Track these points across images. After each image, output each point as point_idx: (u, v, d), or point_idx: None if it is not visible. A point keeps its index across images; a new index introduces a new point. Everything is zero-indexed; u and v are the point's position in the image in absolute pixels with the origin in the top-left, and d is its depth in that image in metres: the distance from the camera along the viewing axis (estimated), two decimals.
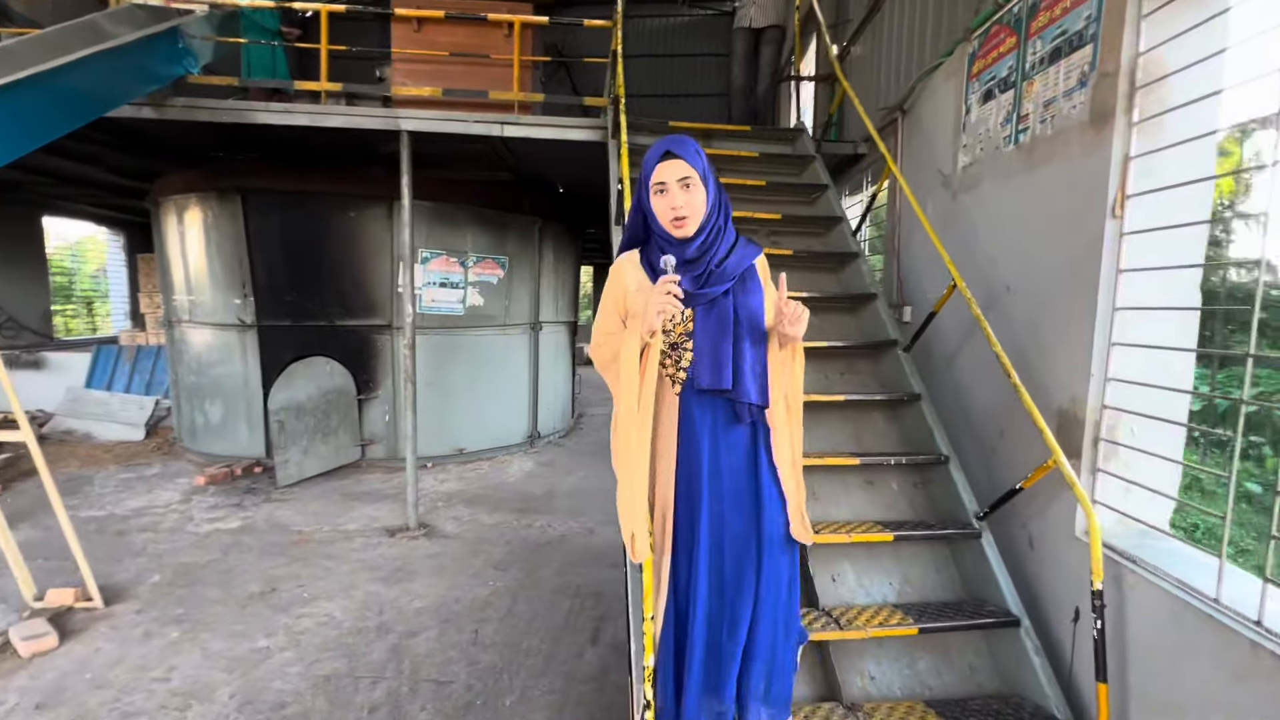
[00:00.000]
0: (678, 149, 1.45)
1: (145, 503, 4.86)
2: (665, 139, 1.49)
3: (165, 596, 3.40)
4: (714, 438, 1.53)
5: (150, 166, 5.79)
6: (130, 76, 3.47)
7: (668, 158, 1.45)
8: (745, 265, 1.52)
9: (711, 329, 1.49)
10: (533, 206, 6.48)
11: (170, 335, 6.24)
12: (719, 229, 1.51)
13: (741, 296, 1.51)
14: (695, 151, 1.47)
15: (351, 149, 5.10)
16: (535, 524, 4.62)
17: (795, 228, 3.60)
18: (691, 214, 1.45)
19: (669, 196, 1.44)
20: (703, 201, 1.46)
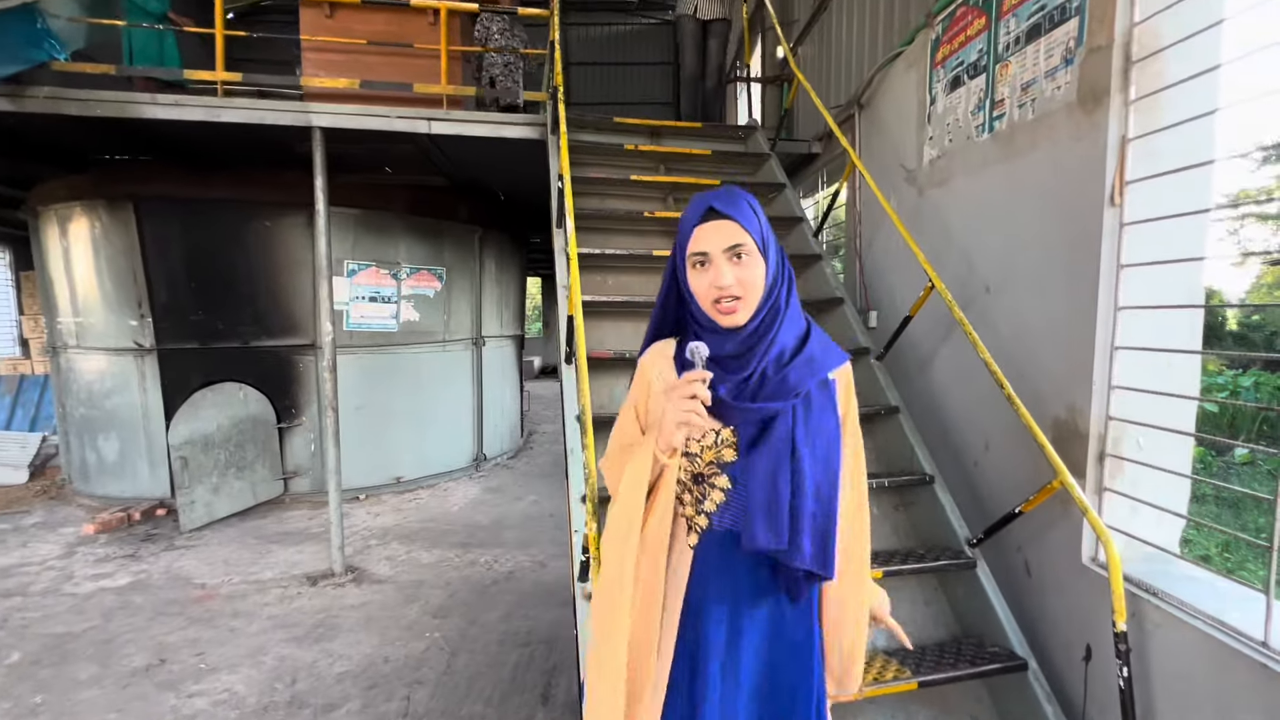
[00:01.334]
0: (725, 206, 1.02)
1: (17, 560, 4.16)
2: (706, 194, 1.06)
3: (23, 681, 2.81)
4: (735, 610, 1.10)
5: (23, 171, 5.07)
6: None
7: (711, 217, 1.02)
8: (819, 376, 1.06)
9: (762, 463, 1.04)
10: (471, 214, 6.06)
11: (55, 363, 5.49)
12: (778, 311, 1.06)
13: (808, 418, 1.05)
14: (750, 208, 1.03)
15: (262, 150, 4.58)
16: (480, 560, 4.18)
17: None
18: (746, 295, 1.01)
19: (713, 272, 1.01)
20: (761, 278, 1.02)
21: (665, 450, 1.04)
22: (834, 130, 3.00)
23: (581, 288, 2.75)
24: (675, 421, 0.99)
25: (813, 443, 1.04)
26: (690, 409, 0.98)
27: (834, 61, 4.12)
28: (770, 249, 1.05)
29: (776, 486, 1.03)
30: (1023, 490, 1.98)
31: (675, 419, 0.99)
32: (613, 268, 3.05)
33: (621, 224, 3.25)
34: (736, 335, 1.04)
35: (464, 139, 3.82)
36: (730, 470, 1.07)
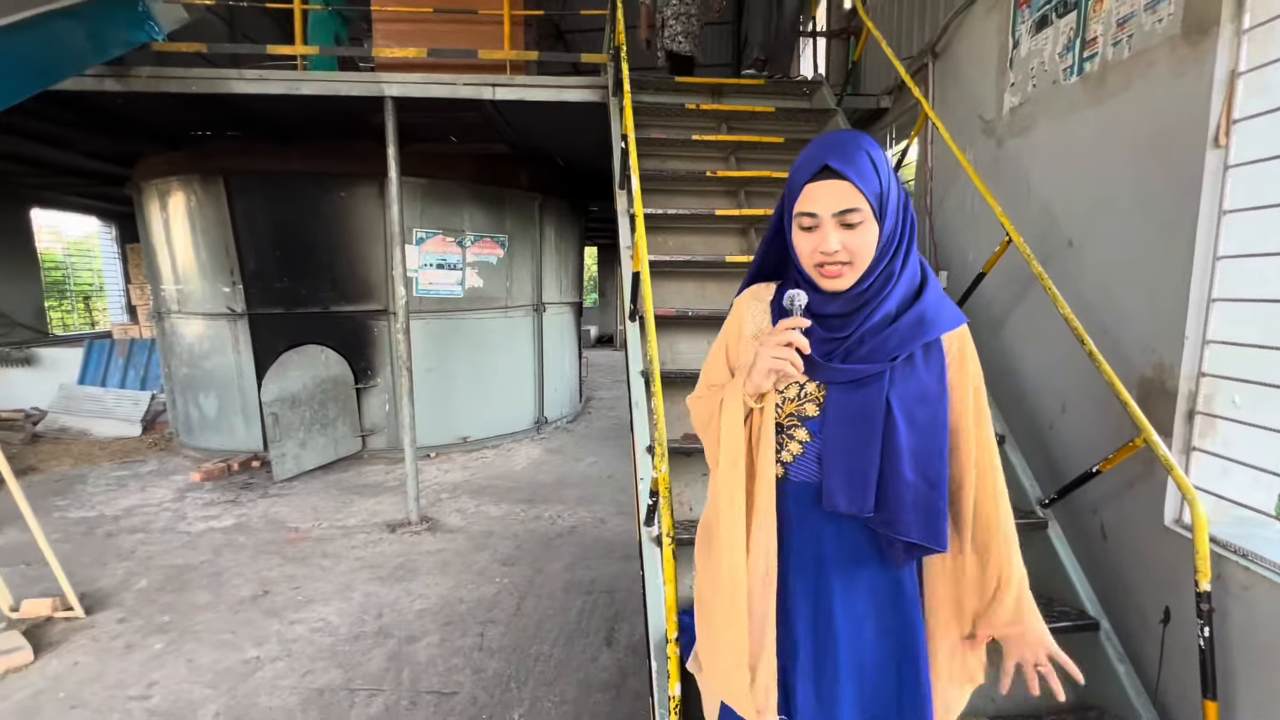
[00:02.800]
0: (841, 163, 0.91)
1: (137, 501, 4.66)
2: (825, 143, 0.96)
3: (151, 603, 3.19)
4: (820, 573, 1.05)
5: (128, 149, 5.49)
6: (82, 42, 3.17)
7: (825, 175, 0.92)
8: (926, 337, 0.98)
9: (846, 425, 0.99)
10: (532, 181, 6.15)
11: (160, 327, 6.00)
12: (890, 276, 0.98)
13: (908, 383, 0.98)
14: (871, 164, 0.92)
15: (336, 123, 4.79)
16: (544, 515, 4.38)
17: None
18: (855, 261, 0.94)
19: (819, 235, 0.94)
20: (872, 244, 0.94)
21: (752, 394, 1.01)
22: (906, 81, 2.88)
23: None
24: (766, 368, 0.96)
25: (910, 410, 0.97)
26: (784, 356, 0.94)
27: (905, 10, 3.91)
28: (889, 207, 0.94)
29: (864, 451, 0.98)
30: (1100, 451, 1.91)
31: (766, 365, 0.95)
32: (674, 228, 3.06)
33: (683, 184, 3.24)
34: (839, 297, 0.98)
35: (526, 104, 3.87)
36: (810, 424, 1.03)
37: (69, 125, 4.74)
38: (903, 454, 0.96)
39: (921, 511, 0.97)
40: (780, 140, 3.33)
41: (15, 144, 5.38)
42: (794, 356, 0.94)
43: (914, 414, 0.97)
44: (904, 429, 0.96)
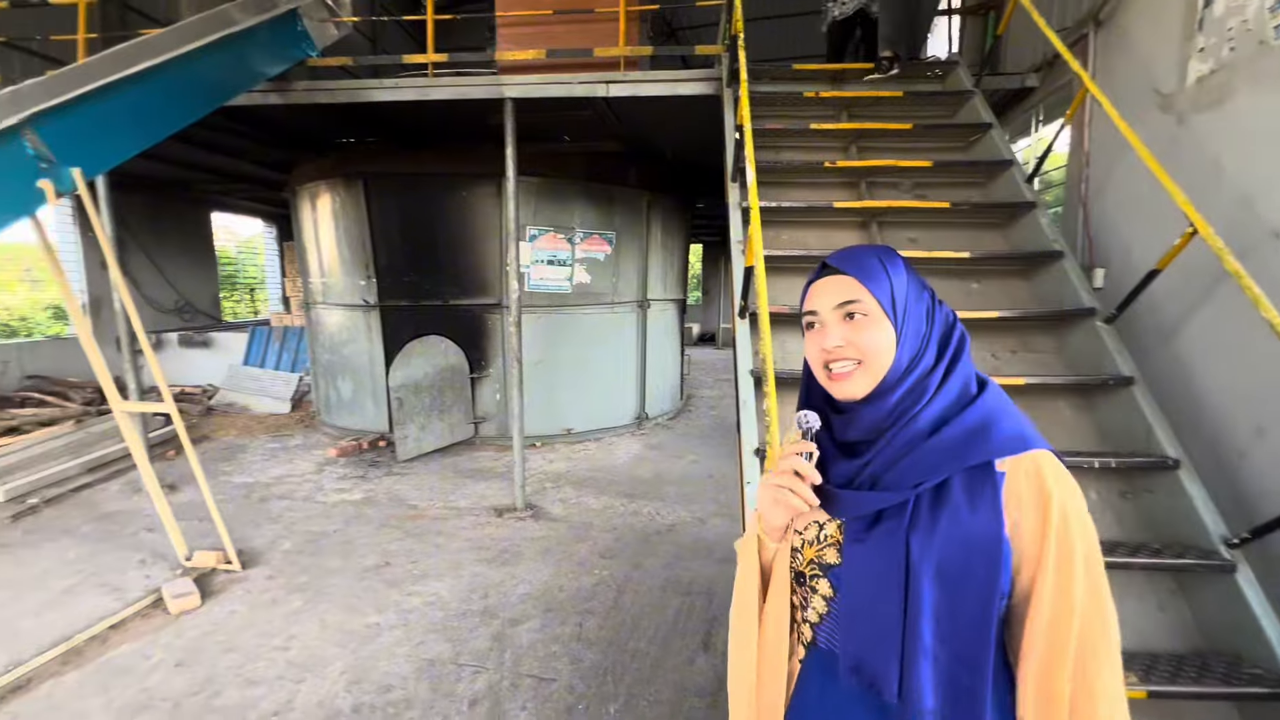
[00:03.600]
0: (840, 262, 0.87)
1: (285, 471, 5.21)
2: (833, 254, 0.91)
3: (293, 564, 3.54)
4: None
5: (287, 157, 6.16)
6: (254, 61, 3.57)
7: (825, 273, 0.88)
8: (967, 460, 0.79)
9: (859, 572, 0.83)
10: (640, 178, 6.19)
11: (308, 316, 6.69)
12: (922, 391, 0.83)
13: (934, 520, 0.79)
14: (880, 266, 0.85)
15: (460, 126, 5.07)
16: (643, 510, 4.39)
17: (949, 176, 3.00)
18: (867, 360, 0.83)
19: (822, 333, 0.86)
20: (880, 343, 0.83)
21: (770, 532, 0.90)
22: (1063, 54, 2.55)
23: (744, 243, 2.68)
24: (769, 499, 0.85)
25: (938, 555, 0.76)
26: (787, 486, 0.82)
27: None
28: (905, 309, 0.83)
29: (880, 608, 0.80)
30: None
31: (769, 497, 0.85)
32: (787, 222, 2.93)
33: (798, 176, 3.10)
34: (860, 416, 0.84)
35: (639, 100, 3.88)
36: (832, 574, 0.85)
37: (242, 136, 5.39)
38: (923, 613, 0.77)
39: (950, 693, 0.76)
40: (908, 126, 3.08)
41: (201, 155, 6.21)
42: (799, 486, 0.82)
43: (945, 564, 0.76)
44: (928, 582, 0.77)
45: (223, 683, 2.51)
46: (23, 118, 2.41)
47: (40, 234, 2.65)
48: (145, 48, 3.02)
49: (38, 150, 2.46)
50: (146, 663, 2.64)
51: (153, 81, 3.02)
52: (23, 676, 2.53)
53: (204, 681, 2.52)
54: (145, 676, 2.55)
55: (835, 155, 3.22)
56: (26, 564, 3.51)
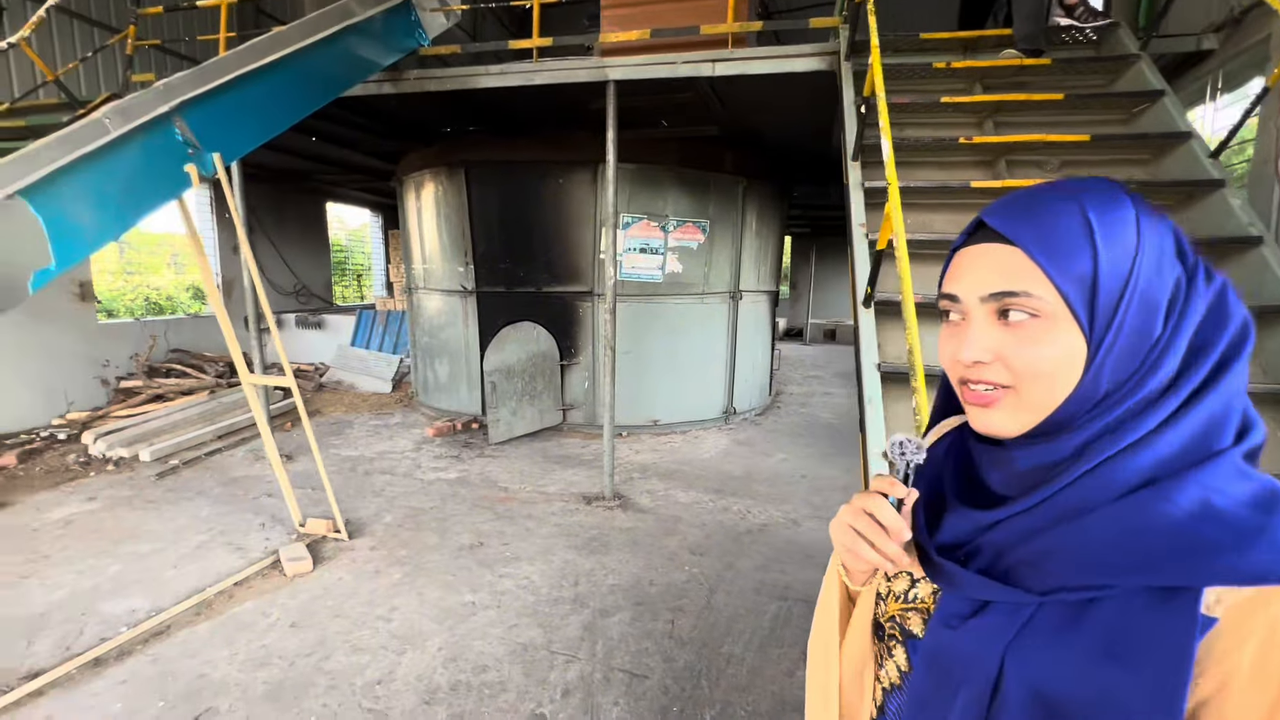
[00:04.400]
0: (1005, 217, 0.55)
1: (387, 448, 5.47)
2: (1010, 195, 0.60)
3: (394, 537, 3.68)
4: None
5: (396, 148, 6.44)
6: (372, 51, 3.70)
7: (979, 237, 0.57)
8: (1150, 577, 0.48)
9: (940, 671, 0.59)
10: (736, 164, 5.99)
11: (410, 301, 7.00)
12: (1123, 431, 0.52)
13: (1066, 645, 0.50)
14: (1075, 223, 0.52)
15: (559, 112, 5.07)
16: (733, 507, 4.24)
17: (1106, 152, 2.63)
18: (1021, 386, 0.54)
19: (958, 333, 0.58)
20: (1052, 363, 0.53)
21: (851, 575, 0.71)
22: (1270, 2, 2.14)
23: (874, 227, 2.46)
24: (841, 543, 0.62)
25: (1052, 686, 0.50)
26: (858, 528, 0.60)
27: None
28: (1124, 309, 0.51)
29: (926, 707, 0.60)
30: None
31: (840, 540, 0.62)
32: (912, 204, 2.68)
33: (925, 155, 2.82)
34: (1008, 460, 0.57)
35: (745, 78, 3.69)
36: (910, 646, 0.64)
37: (356, 128, 5.67)
38: None
39: None
40: (1058, 97, 2.73)
41: (318, 147, 6.61)
42: (878, 537, 0.58)
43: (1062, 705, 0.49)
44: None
45: (332, 646, 2.62)
46: (173, 106, 2.59)
47: (185, 215, 2.85)
48: (276, 40, 3.19)
49: (185, 136, 2.64)
50: (265, 620, 2.81)
51: (281, 72, 3.19)
52: (163, 623, 2.76)
53: (315, 644, 2.64)
54: (264, 633, 2.71)
55: (969, 131, 2.92)
56: (168, 519, 3.85)
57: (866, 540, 0.59)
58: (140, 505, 4.06)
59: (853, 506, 0.61)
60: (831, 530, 0.63)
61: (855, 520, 0.60)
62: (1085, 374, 0.52)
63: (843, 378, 9.48)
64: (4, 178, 2.18)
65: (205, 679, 2.42)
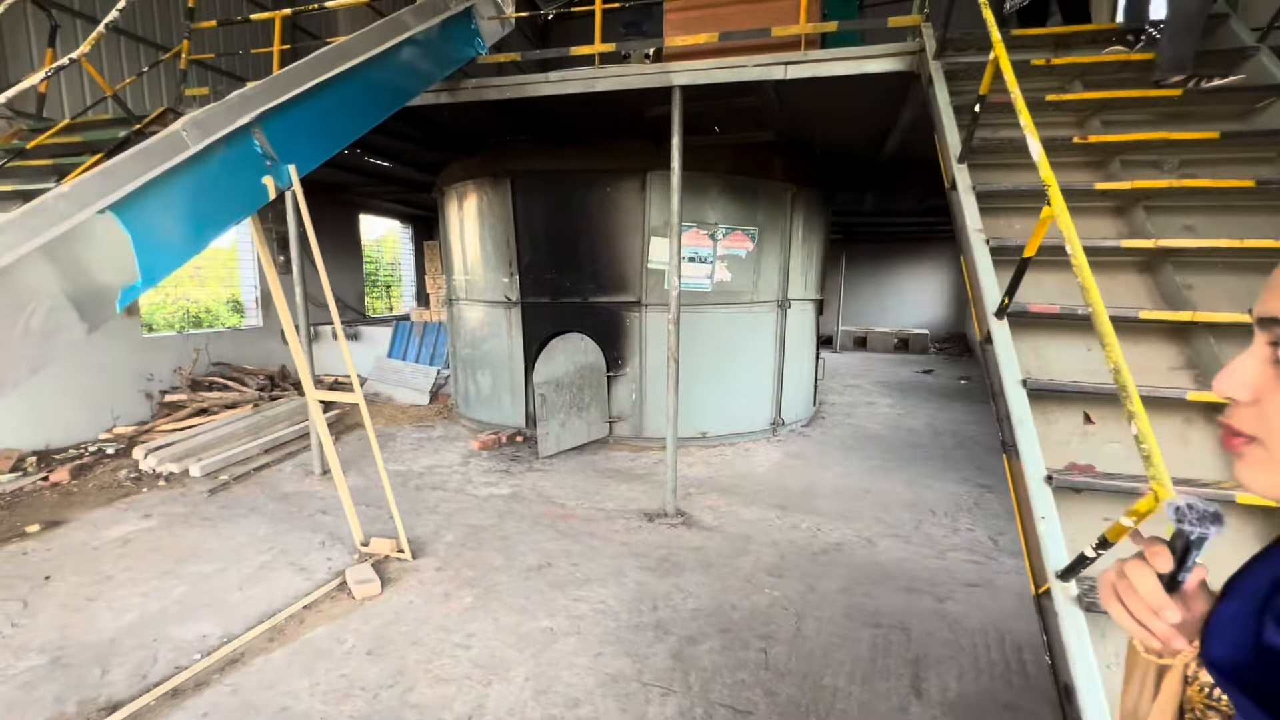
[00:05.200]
0: None
1: (434, 462, 5.38)
2: None
3: (458, 557, 3.57)
4: None
5: (437, 159, 6.39)
6: (434, 61, 3.63)
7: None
8: None
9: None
10: (786, 171, 5.86)
11: (450, 312, 6.94)
12: None
13: None
14: None
15: (610, 120, 4.99)
16: (801, 525, 4.08)
17: (1234, 150, 2.47)
18: (1270, 434, 0.46)
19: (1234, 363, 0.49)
20: None
21: (1144, 642, 0.60)
22: None
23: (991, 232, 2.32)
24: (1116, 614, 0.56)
25: None
26: (1122, 594, 0.55)
27: None
28: None
29: None
30: None
31: (1104, 600, 0.57)
32: (1016, 209, 2.53)
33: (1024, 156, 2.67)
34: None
35: (814, 81, 3.57)
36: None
37: (405, 139, 5.63)
38: None
39: None
40: (1176, 93, 2.57)
41: (358, 159, 6.59)
42: (1146, 616, 0.52)
43: None
44: None
45: (414, 677, 2.50)
46: (253, 117, 2.51)
47: (256, 230, 2.78)
48: (342, 52, 3.12)
49: (264, 148, 2.57)
50: (340, 648, 2.70)
51: (350, 83, 3.12)
52: (237, 650, 2.66)
53: (396, 674, 2.52)
54: (342, 662, 2.60)
55: (1069, 131, 2.77)
56: (226, 537, 3.78)
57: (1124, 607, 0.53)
58: (197, 523, 4.00)
59: (1118, 567, 0.54)
60: (1099, 591, 0.58)
61: (1116, 582, 0.55)
62: None
63: (882, 386, 9.27)
64: (88, 193, 2.12)
65: (289, 712, 2.31)
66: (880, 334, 13.95)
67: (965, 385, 9.51)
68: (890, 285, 15.05)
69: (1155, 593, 0.51)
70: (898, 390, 8.98)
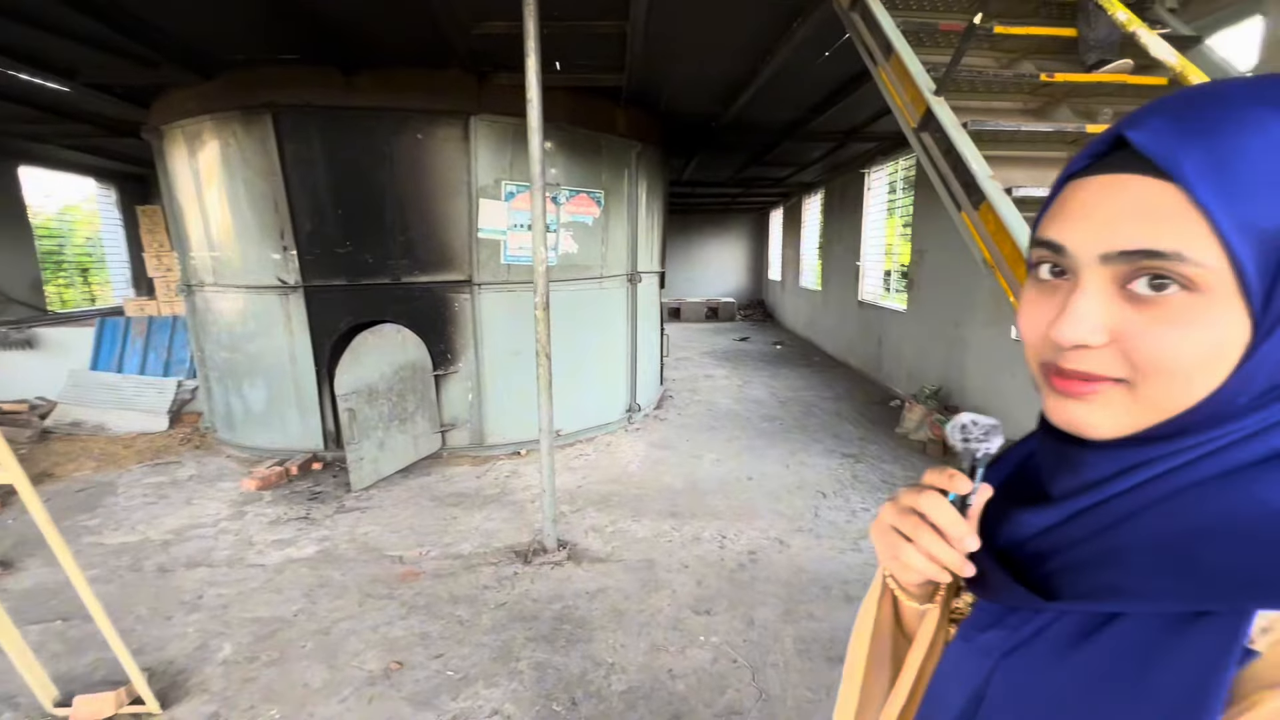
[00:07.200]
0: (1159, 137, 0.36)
1: (186, 519, 3.75)
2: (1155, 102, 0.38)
3: (247, 684, 2.31)
4: None
5: (152, 81, 4.39)
6: None
7: (1111, 165, 0.39)
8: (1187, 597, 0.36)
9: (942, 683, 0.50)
10: (629, 125, 5.15)
11: (190, 302, 5.02)
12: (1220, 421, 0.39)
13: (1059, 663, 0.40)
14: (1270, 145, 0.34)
15: (424, 37, 3.76)
16: (703, 535, 3.52)
17: None
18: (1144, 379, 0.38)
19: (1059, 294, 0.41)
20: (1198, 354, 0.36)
21: (908, 588, 0.54)
22: None
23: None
24: (883, 549, 0.51)
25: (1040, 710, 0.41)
26: (908, 533, 0.48)
27: None
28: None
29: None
30: None
31: (881, 544, 0.51)
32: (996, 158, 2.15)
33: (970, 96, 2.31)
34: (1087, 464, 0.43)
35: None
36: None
37: (87, 41, 3.64)
38: None
39: None
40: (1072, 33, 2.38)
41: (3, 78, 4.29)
42: (928, 539, 0.47)
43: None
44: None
45: None
46: None
47: None
48: None
49: None
50: None
51: None
52: None
53: None
54: None
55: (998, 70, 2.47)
56: None
57: (917, 547, 0.48)
58: None
59: (898, 504, 0.50)
60: (873, 534, 0.53)
61: (900, 521, 0.49)
62: (1238, 369, 0.37)
63: (710, 357, 9.28)
64: None
65: None
66: (692, 304, 14.25)
67: (782, 350, 9.98)
68: (698, 256, 15.46)
69: (956, 521, 0.47)
70: (727, 360, 9.03)
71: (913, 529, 0.48)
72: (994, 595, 0.46)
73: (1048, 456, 0.48)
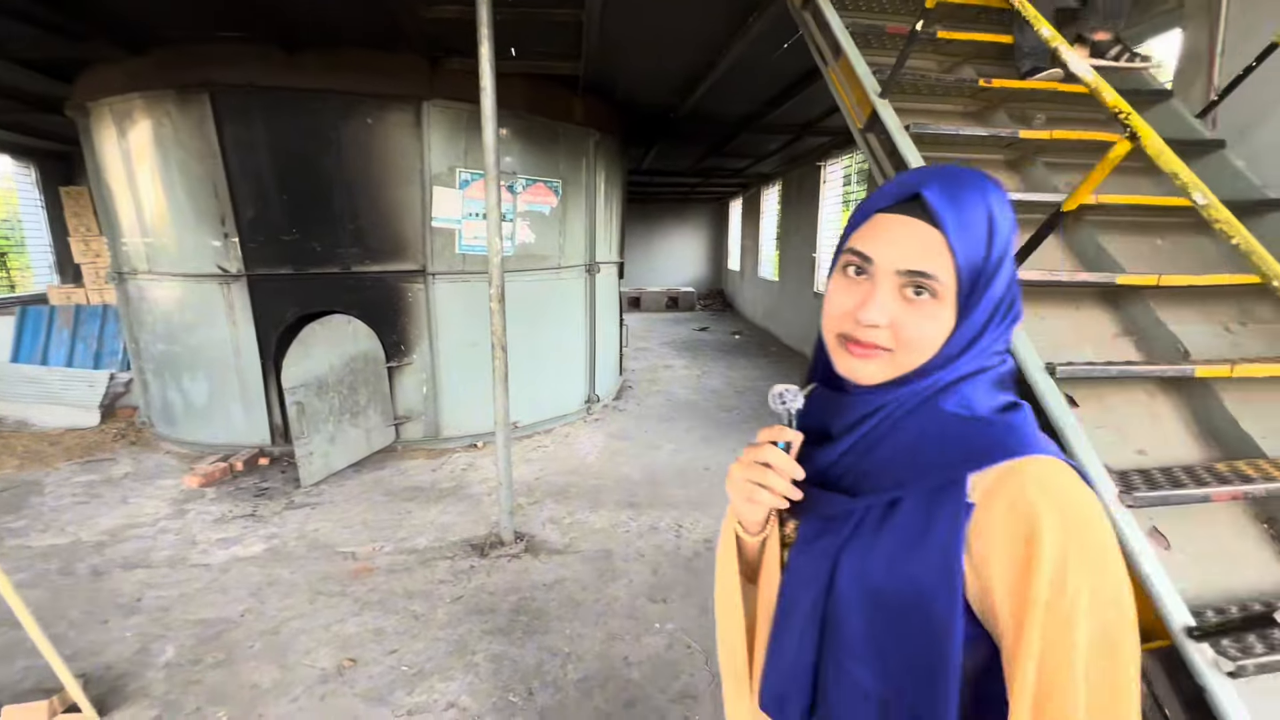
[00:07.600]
0: (941, 197, 0.58)
1: (123, 519, 3.59)
2: (927, 169, 0.62)
3: (193, 686, 2.25)
4: None
5: (75, 53, 4.11)
6: None
7: (908, 209, 0.60)
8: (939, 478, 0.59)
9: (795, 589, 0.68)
10: (587, 113, 5.11)
11: (123, 291, 4.76)
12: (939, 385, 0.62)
13: (877, 537, 0.61)
14: (985, 216, 0.59)
15: (367, 22, 3.64)
16: (660, 524, 3.58)
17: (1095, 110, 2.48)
18: (901, 351, 0.61)
19: (863, 294, 0.61)
20: (937, 335, 0.60)
21: (749, 526, 0.71)
22: None
23: None
24: (740, 496, 0.67)
25: (878, 582, 0.60)
26: (755, 481, 0.65)
27: None
28: (988, 287, 0.59)
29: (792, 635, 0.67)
30: None
31: (736, 493, 0.68)
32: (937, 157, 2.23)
33: (913, 98, 2.40)
34: (854, 404, 0.65)
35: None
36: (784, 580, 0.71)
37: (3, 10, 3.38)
38: (843, 643, 0.63)
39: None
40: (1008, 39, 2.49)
41: None
42: (771, 478, 0.64)
43: (885, 595, 0.60)
44: (855, 612, 0.62)
45: None
46: None
47: None
48: None
49: None
50: None
51: None
52: None
53: None
54: None
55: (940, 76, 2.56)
56: None
57: (763, 486, 0.64)
58: None
59: (745, 460, 0.66)
60: (728, 487, 0.68)
61: (749, 472, 0.65)
62: (945, 344, 0.60)
63: (669, 347, 9.35)
64: None
65: None
66: (652, 294, 14.29)
67: (740, 340, 10.13)
68: (658, 246, 15.49)
69: (786, 461, 0.64)
70: (686, 350, 9.12)
71: (760, 475, 0.64)
72: (819, 507, 0.64)
73: (827, 404, 0.67)
